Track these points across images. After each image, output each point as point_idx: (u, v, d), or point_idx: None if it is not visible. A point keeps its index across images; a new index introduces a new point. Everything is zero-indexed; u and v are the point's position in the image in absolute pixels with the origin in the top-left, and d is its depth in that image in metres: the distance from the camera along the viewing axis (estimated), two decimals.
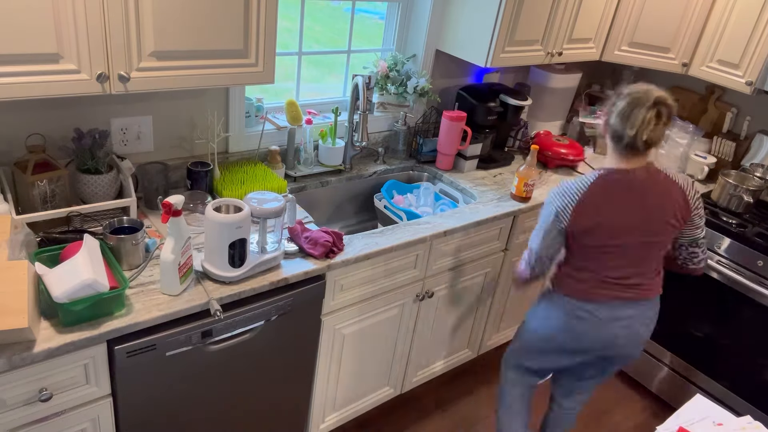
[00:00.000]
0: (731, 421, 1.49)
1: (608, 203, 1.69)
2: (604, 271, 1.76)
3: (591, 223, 1.70)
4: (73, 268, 1.34)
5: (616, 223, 1.69)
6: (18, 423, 1.36)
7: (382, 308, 2.10)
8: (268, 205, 1.61)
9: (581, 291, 1.79)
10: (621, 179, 1.70)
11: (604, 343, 1.82)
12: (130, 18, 1.44)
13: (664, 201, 1.70)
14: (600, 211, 1.69)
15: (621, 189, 1.69)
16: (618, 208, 1.69)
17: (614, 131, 1.67)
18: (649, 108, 1.61)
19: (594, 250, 1.74)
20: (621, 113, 1.64)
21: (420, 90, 2.49)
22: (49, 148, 1.72)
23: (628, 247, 1.72)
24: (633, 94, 1.64)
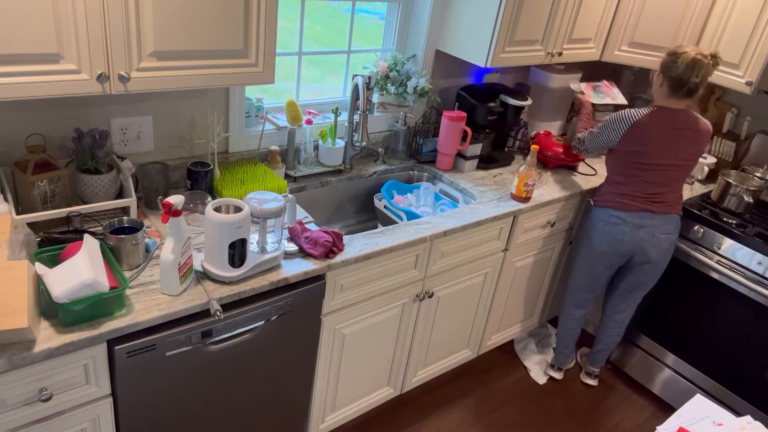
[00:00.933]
0: (731, 421, 1.49)
1: (656, 130, 2.20)
2: (639, 186, 2.29)
3: (639, 143, 2.22)
4: (73, 268, 1.35)
5: (659, 147, 2.21)
6: (18, 423, 1.36)
7: (382, 308, 2.10)
8: (268, 205, 1.61)
9: (617, 202, 2.33)
10: (670, 114, 2.22)
11: (633, 244, 2.35)
12: (130, 18, 1.44)
13: (696, 136, 2.24)
14: (648, 135, 2.21)
15: (668, 121, 2.21)
16: (663, 136, 2.20)
17: (678, 79, 2.16)
18: (709, 61, 2.14)
19: (635, 166, 2.26)
20: (688, 66, 2.13)
21: (420, 90, 2.49)
22: (49, 148, 1.72)
23: (663, 168, 2.25)
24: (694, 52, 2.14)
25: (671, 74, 2.18)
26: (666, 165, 2.24)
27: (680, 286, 2.65)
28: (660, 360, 2.79)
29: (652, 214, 2.30)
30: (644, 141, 2.21)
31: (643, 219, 2.30)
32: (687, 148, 2.24)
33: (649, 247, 2.34)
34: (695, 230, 2.55)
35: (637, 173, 2.27)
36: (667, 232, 2.33)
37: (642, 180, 2.27)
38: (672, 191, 2.31)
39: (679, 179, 2.30)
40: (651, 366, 2.83)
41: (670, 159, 2.23)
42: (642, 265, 2.42)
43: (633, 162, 2.26)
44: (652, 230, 2.31)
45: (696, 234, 2.55)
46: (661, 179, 2.27)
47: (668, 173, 2.26)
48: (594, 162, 2.95)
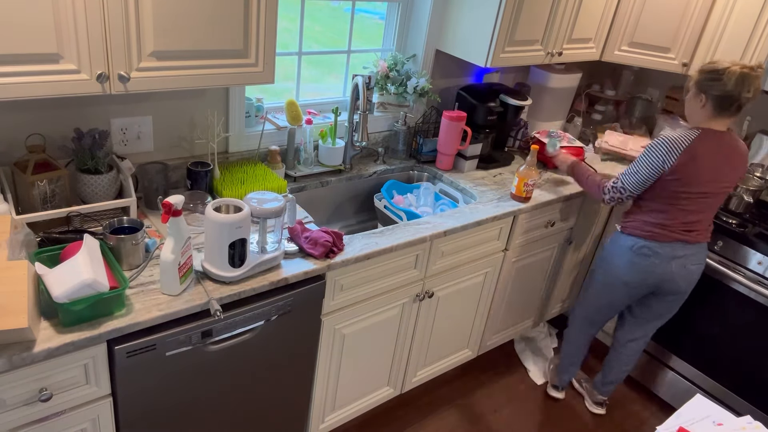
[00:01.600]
0: (731, 421, 1.49)
1: (705, 156, 2.02)
2: (677, 215, 2.11)
3: (685, 173, 2.03)
4: (73, 268, 1.34)
5: (706, 175, 2.04)
6: (18, 423, 1.36)
7: (382, 308, 2.10)
8: (268, 205, 1.61)
9: (649, 232, 2.15)
10: (716, 137, 2.04)
11: (663, 277, 2.19)
12: (130, 18, 1.44)
13: (737, 161, 2.08)
14: (698, 161, 2.02)
15: (715, 145, 2.03)
16: (710, 162, 2.03)
17: (728, 96, 1.97)
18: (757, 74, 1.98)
19: (677, 195, 2.08)
20: (737, 81, 1.95)
21: (420, 90, 2.49)
22: (49, 148, 1.72)
23: (706, 196, 2.09)
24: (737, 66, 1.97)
25: (717, 92, 1.99)
26: (709, 193, 2.08)
27: None
28: (660, 360, 2.79)
29: (685, 244, 2.15)
30: (693, 168, 2.02)
31: (676, 250, 2.15)
32: (730, 173, 2.08)
33: (679, 279, 2.19)
34: None
35: (678, 202, 2.09)
36: (698, 263, 2.20)
37: (682, 209, 2.10)
38: (707, 219, 2.17)
39: (716, 206, 2.15)
40: (651, 366, 2.83)
41: (714, 186, 2.07)
42: (668, 296, 2.28)
43: (675, 191, 2.07)
44: (684, 261, 2.17)
45: None
46: (701, 207, 2.11)
47: (709, 201, 2.10)
48: (594, 162, 2.95)
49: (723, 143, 2.04)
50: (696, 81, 2.05)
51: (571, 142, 2.80)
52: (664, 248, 2.14)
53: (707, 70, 2.02)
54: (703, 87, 2.02)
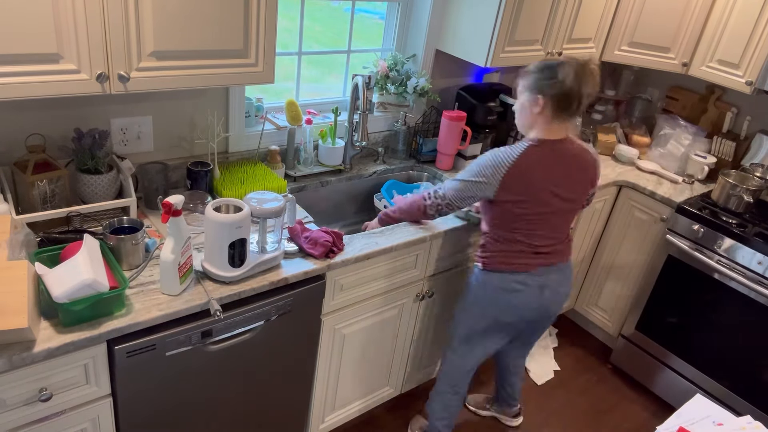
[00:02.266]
0: (731, 421, 1.49)
1: (537, 173, 1.78)
2: (530, 239, 1.87)
3: (519, 193, 1.79)
4: (73, 268, 1.34)
5: (540, 193, 1.80)
6: (18, 423, 1.36)
7: (382, 308, 2.10)
8: (268, 205, 1.61)
9: (513, 264, 1.90)
10: (551, 149, 1.80)
11: (539, 309, 1.96)
12: (129, 18, 1.44)
13: (583, 170, 1.86)
14: (530, 181, 1.78)
15: (549, 157, 1.79)
16: (546, 179, 1.79)
17: (566, 96, 1.74)
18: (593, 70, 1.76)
19: (521, 218, 1.84)
20: (575, 77, 1.72)
21: (420, 90, 2.49)
22: (49, 148, 1.72)
23: (552, 215, 1.85)
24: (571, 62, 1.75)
25: (555, 91, 1.74)
26: (556, 210, 1.84)
27: (680, 286, 2.65)
28: (660, 360, 2.79)
29: (549, 268, 1.91)
30: (524, 187, 1.77)
31: (543, 277, 1.91)
32: (575, 185, 1.84)
33: (553, 306, 1.98)
34: (695, 230, 2.55)
35: (526, 225, 1.84)
36: (566, 284, 1.99)
37: (532, 232, 1.86)
38: (564, 236, 1.94)
39: (568, 221, 1.93)
40: (651, 366, 2.83)
41: (558, 203, 1.83)
42: (543, 323, 2.09)
43: (517, 214, 1.82)
44: (555, 286, 1.94)
45: (696, 234, 2.55)
46: (554, 226, 1.88)
47: (558, 218, 1.87)
48: None
49: (560, 153, 1.80)
50: (529, 83, 1.80)
51: None
52: (533, 278, 1.90)
53: (540, 68, 1.78)
54: (539, 87, 1.77)
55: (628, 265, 2.89)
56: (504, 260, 1.91)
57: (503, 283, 1.92)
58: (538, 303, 1.94)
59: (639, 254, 2.83)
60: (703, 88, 3.05)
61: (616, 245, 2.93)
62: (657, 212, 2.73)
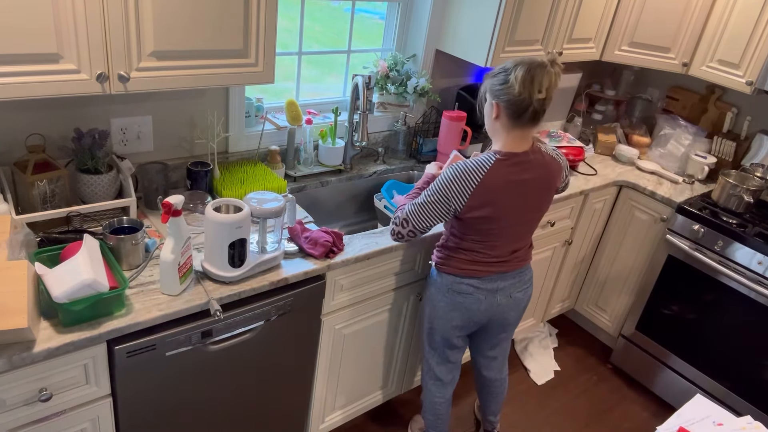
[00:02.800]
0: (731, 421, 1.49)
1: (503, 191, 1.71)
2: (491, 251, 1.83)
3: (485, 209, 1.72)
4: (73, 268, 1.34)
5: (508, 208, 1.74)
6: (18, 423, 1.36)
7: (382, 308, 2.10)
8: (268, 205, 1.61)
9: (464, 269, 1.86)
10: (516, 163, 1.71)
11: (490, 312, 1.93)
12: (129, 18, 1.44)
13: (549, 180, 1.79)
14: (496, 198, 1.71)
15: (516, 174, 1.72)
16: (512, 196, 1.73)
17: (518, 102, 1.64)
18: (550, 69, 1.63)
19: (485, 232, 1.78)
20: (524, 81, 1.61)
21: (420, 90, 2.49)
22: (49, 148, 1.72)
23: (515, 226, 1.81)
24: (525, 62, 1.63)
25: (506, 97, 1.65)
26: (522, 221, 1.81)
27: (680, 286, 2.65)
28: (660, 360, 2.79)
29: (504, 274, 1.88)
30: (491, 203, 1.70)
31: (496, 282, 1.88)
32: (540, 195, 1.80)
33: (507, 310, 1.95)
34: (695, 230, 2.55)
35: (489, 238, 1.79)
36: (523, 288, 1.95)
37: (491, 245, 1.81)
38: (525, 245, 1.91)
39: (532, 230, 1.90)
40: (651, 366, 2.83)
41: (521, 216, 1.79)
42: (503, 327, 2.04)
43: (481, 228, 1.77)
44: (509, 291, 1.91)
45: (696, 234, 2.55)
46: (516, 237, 1.84)
47: (523, 229, 1.84)
48: (594, 161, 2.95)
49: (526, 167, 1.72)
50: (487, 87, 1.72)
51: (570, 142, 2.80)
52: (485, 283, 1.87)
53: (497, 72, 1.68)
54: (494, 93, 1.69)
55: (628, 265, 2.89)
56: (457, 265, 1.86)
57: (453, 285, 1.89)
58: (488, 307, 1.91)
59: (639, 254, 2.83)
60: (703, 88, 3.05)
61: (616, 245, 2.93)
62: (657, 212, 2.73)
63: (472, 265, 1.85)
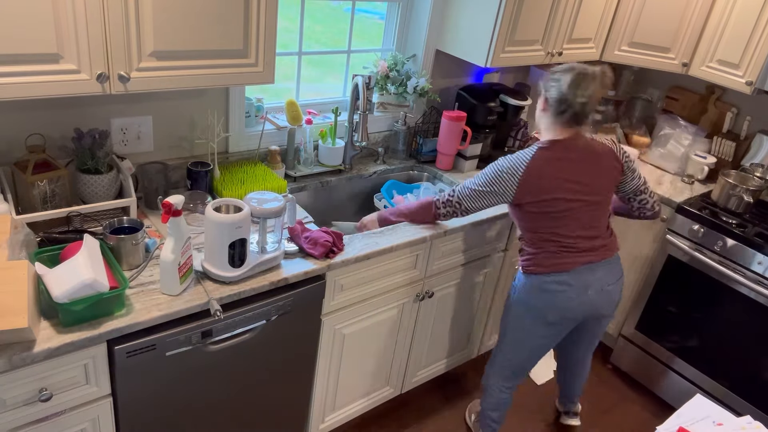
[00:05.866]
0: (731, 421, 1.49)
1: (549, 172, 1.82)
2: (562, 237, 1.89)
3: (537, 194, 1.83)
4: (73, 268, 1.35)
5: (560, 190, 1.83)
6: (18, 423, 1.36)
7: (382, 308, 2.10)
8: (268, 205, 1.61)
9: (551, 265, 1.91)
10: (560, 148, 1.84)
11: (583, 308, 1.95)
12: (130, 18, 1.44)
13: (599, 163, 1.88)
14: (544, 180, 1.82)
15: (564, 159, 1.84)
16: (559, 176, 1.83)
17: (560, 101, 1.80)
18: (598, 78, 1.79)
19: (548, 217, 1.87)
20: (570, 84, 1.78)
21: (420, 90, 2.49)
22: (49, 148, 1.72)
23: (577, 210, 1.87)
24: (578, 68, 1.80)
25: (553, 93, 1.81)
26: (578, 205, 1.86)
27: (680, 286, 2.65)
28: (660, 360, 2.79)
29: (592, 266, 1.91)
30: (546, 187, 1.82)
31: (586, 276, 1.91)
32: (593, 175, 1.86)
33: (602, 305, 1.97)
34: (695, 230, 2.55)
35: (555, 224, 1.87)
36: (614, 281, 1.98)
37: (563, 231, 1.88)
38: (603, 230, 1.95)
39: (603, 215, 1.94)
40: (651, 366, 2.83)
41: (581, 198, 1.85)
42: (598, 322, 2.11)
43: (543, 213, 1.86)
44: (600, 285, 1.93)
45: (696, 234, 2.55)
46: (583, 221, 1.88)
47: (585, 213, 1.88)
48: None
49: (570, 149, 1.84)
50: (543, 81, 1.90)
51: None
52: (574, 277, 1.90)
53: (555, 70, 1.85)
54: (545, 86, 1.86)
55: (628, 265, 2.89)
56: (540, 262, 1.93)
57: (542, 285, 1.93)
58: (581, 303, 1.93)
59: (639, 254, 2.83)
60: (703, 88, 3.05)
61: None
62: None
63: (556, 258, 1.90)
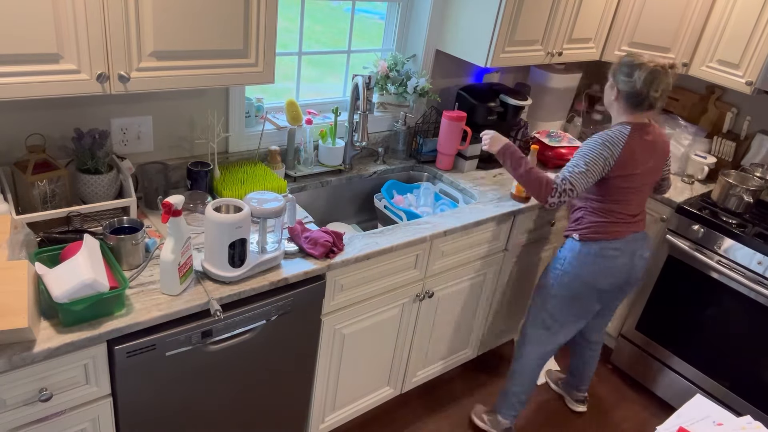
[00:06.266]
0: (731, 421, 1.49)
1: (639, 149, 2.00)
2: (625, 209, 2.08)
3: (629, 169, 2.00)
4: (73, 268, 1.34)
5: (640, 168, 2.02)
6: (18, 423, 1.36)
7: (382, 308, 2.10)
8: (268, 205, 1.61)
9: (611, 232, 2.08)
10: (644, 131, 2.02)
11: (630, 272, 2.14)
12: (130, 18, 1.44)
13: (663, 148, 2.10)
14: (635, 158, 2.00)
15: (646, 139, 2.02)
16: (645, 155, 2.02)
17: (636, 95, 1.96)
18: (667, 74, 1.94)
19: (621, 191, 2.04)
20: (645, 81, 1.93)
21: (420, 90, 2.49)
22: (49, 148, 1.72)
23: (644, 186, 2.09)
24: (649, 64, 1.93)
25: (626, 88, 1.98)
26: (646, 183, 2.09)
27: (680, 286, 2.65)
28: (660, 360, 2.79)
29: (636, 234, 2.12)
30: (632, 163, 2.00)
31: (633, 243, 2.11)
32: (659, 162, 2.09)
33: (639, 270, 2.17)
34: (695, 230, 2.55)
35: (624, 197, 2.06)
36: (648, 250, 2.19)
37: (627, 203, 2.07)
38: (643, 207, 2.17)
39: (648, 195, 2.17)
40: (651, 366, 2.83)
41: (649, 178, 2.08)
42: (629, 289, 2.23)
43: (620, 187, 2.03)
44: (641, 252, 2.14)
45: (696, 234, 2.55)
46: (641, 198, 2.12)
47: (646, 191, 2.12)
48: None
49: (650, 135, 2.03)
50: (612, 70, 2.05)
51: (570, 143, 2.80)
52: (626, 244, 2.09)
53: (623, 63, 1.99)
54: (616, 79, 2.02)
55: None
56: (602, 230, 2.08)
57: (602, 251, 2.08)
58: (630, 267, 2.12)
59: None
60: (703, 88, 3.05)
61: None
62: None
63: (614, 226, 2.08)
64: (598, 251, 2.09)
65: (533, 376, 2.35)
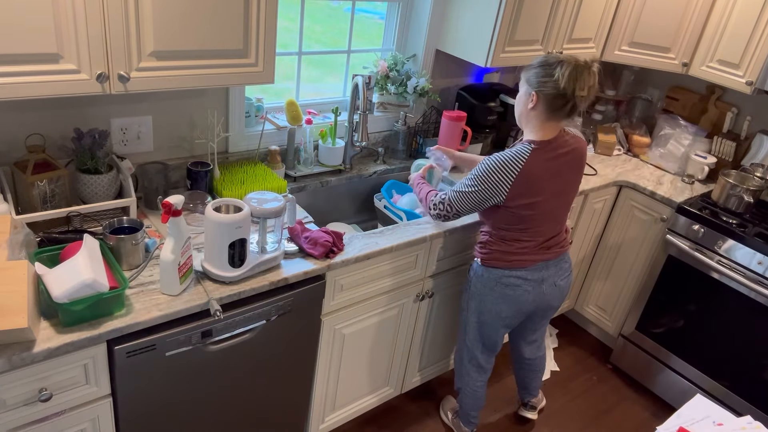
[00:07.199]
0: (731, 421, 1.49)
1: (542, 174, 1.81)
2: (533, 237, 1.91)
3: (528, 197, 1.82)
4: (73, 268, 1.35)
5: (549, 190, 1.84)
6: (18, 423, 1.36)
7: (382, 308, 2.10)
8: (268, 205, 1.61)
9: (512, 261, 1.94)
10: (551, 148, 1.82)
11: (537, 302, 2.02)
12: (130, 18, 1.44)
13: (579, 162, 1.91)
14: (536, 183, 1.81)
15: (552, 158, 1.82)
16: (549, 178, 1.83)
17: (561, 95, 1.75)
18: (590, 72, 1.75)
19: (527, 219, 1.87)
20: (570, 77, 1.72)
21: (420, 90, 2.49)
22: (49, 148, 1.72)
23: (556, 210, 1.91)
24: (570, 60, 1.74)
25: (548, 90, 1.75)
26: (562, 204, 1.91)
27: (680, 286, 2.65)
28: (660, 360, 2.79)
29: (548, 263, 1.96)
30: (533, 190, 1.80)
31: (541, 272, 1.96)
32: (572, 177, 1.91)
33: (552, 298, 2.04)
34: (695, 230, 2.55)
35: (531, 226, 1.88)
36: (566, 276, 2.05)
37: (535, 231, 1.89)
38: (562, 228, 2.00)
39: (566, 213, 1.99)
40: (651, 366, 2.83)
41: (563, 197, 1.90)
42: (545, 314, 2.16)
43: (524, 216, 1.85)
44: (552, 280, 2.00)
45: (696, 234, 2.55)
46: (558, 221, 1.94)
47: (558, 212, 1.93)
48: (594, 161, 2.95)
49: (558, 152, 1.82)
50: (527, 77, 1.82)
51: None
52: (532, 273, 1.95)
53: (538, 65, 1.79)
54: (535, 83, 1.78)
55: (628, 265, 2.89)
56: (503, 258, 1.96)
57: (502, 279, 1.97)
58: (536, 296, 2.00)
59: (639, 254, 2.83)
60: (703, 88, 3.05)
61: (616, 245, 2.93)
62: (657, 212, 2.73)
63: (518, 256, 1.93)
64: (498, 278, 1.97)
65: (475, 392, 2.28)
